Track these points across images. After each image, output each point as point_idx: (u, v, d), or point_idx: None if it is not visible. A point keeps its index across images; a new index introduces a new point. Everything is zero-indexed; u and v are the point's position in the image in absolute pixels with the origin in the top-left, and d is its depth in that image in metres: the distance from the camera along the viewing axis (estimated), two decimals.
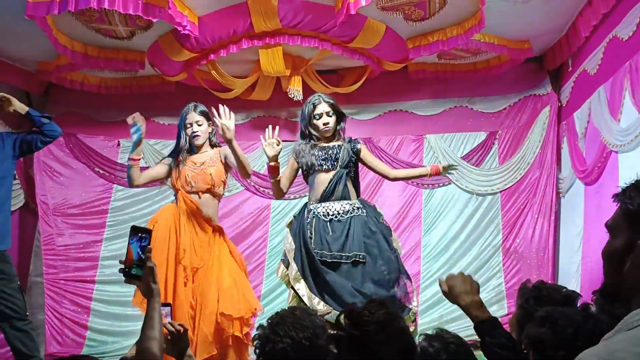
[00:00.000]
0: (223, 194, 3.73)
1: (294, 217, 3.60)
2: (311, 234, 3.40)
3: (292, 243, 3.46)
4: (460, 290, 1.81)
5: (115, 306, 5.01)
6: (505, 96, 5.33)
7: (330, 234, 3.39)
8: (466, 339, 1.76)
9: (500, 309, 4.95)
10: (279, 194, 3.70)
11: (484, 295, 4.99)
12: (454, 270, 5.10)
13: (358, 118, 5.40)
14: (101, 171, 5.32)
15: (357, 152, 3.59)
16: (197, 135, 3.62)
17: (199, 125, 3.63)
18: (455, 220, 5.24)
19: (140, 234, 1.80)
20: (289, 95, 4.93)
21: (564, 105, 5.06)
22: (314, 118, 3.53)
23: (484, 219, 5.21)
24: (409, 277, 3.42)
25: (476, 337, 1.83)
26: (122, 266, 1.78)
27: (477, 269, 5.09)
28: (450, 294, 1.85)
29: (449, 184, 5.28)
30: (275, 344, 1.65)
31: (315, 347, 1.65)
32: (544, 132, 5.14)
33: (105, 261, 5.14)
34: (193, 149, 3.66)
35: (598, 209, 4.16)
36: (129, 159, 3.55)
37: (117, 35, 4.35)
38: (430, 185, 5.31)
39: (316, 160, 3.50)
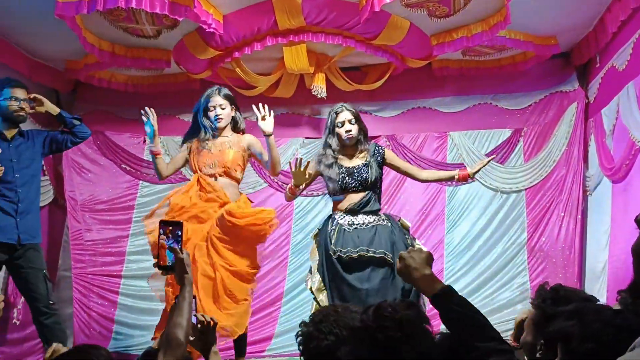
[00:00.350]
0: (241, 179, 3.78)
1: (319, 229, 3.62)
2: (334, 238, 3.42)
3: (317, 255, 3.49)
4: (412, 266, 1.70)
5: (141, 300, 5.08)
6: (530, 93, 5.26)
7: (357, 237, 3.41)
8: None
9: (525, 308, 4.89)
10: (291, 199, 3.84)
11: (508, 294, 4.97)
12: (477, 268, 5.08)
13: (381, 115, 5.39)
14: (128, 168, 5.40)
15: (383, 159, 3.62)
16: (220, 119, 3.70)
17: (222, 109, 3.71)
18: (479, 218, 5.19)
19: (170, 229, 1.88)
20: (313, 93, 4.94)
21: (591, 101, 4.97)
22: (337, 126, 3.57)
23: (509, 216, 5.15)
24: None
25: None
26: (155, 260, 1.92)
27: (501, 267, 5.05)
28: (402, 273, 1.76)
29: (473, 181, 5.23)
30: (319, 341, 1.69)
31: None
32: (571, 129, 5.05)
33: (131, 256, 5.23)
34: (214, 132, 3.72)
35: (626, 207, 4.09)
36: (150, 152, 3.75)
37: (144, 34, 4.41)
38: (454, 183, 5.28)
39: (342, 182, 3.51)
